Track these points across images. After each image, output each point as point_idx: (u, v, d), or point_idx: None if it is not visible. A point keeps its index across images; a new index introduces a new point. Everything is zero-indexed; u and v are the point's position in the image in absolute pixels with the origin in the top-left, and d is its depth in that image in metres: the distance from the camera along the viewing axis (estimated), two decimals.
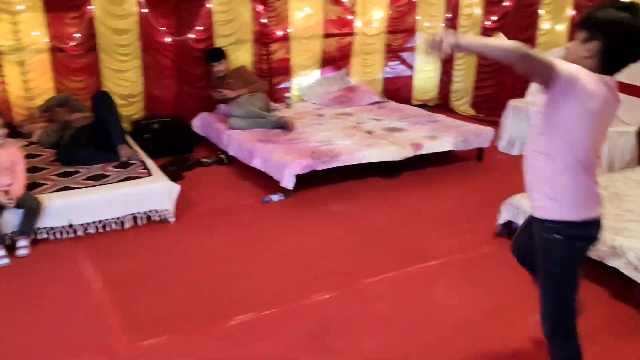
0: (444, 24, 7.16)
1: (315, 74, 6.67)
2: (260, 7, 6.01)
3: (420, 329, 2.84)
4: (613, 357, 2.68)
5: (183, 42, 5.73)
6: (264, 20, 6.07)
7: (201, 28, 5.76)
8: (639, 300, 3.04)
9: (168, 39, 5.65)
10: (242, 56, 6.10)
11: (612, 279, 3.23)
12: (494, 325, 2.85)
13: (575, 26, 1.90)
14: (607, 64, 1.88)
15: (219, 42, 5.90)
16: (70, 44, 5.28)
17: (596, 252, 3.18)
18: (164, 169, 4.86)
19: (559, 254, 1.93)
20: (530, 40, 6.41)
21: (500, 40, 1.71)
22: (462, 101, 7.38)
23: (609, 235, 3.15)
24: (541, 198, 1.95)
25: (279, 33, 6.21)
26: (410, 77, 7.38)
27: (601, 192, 2.00)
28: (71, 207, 3.73)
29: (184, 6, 5.66)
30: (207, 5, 5.72)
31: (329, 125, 5.54)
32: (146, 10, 5.44)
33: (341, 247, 3.74)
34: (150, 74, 5.70)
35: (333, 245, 3.78)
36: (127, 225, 3.95)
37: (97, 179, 4.05)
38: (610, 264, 3.12)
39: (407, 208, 4.38)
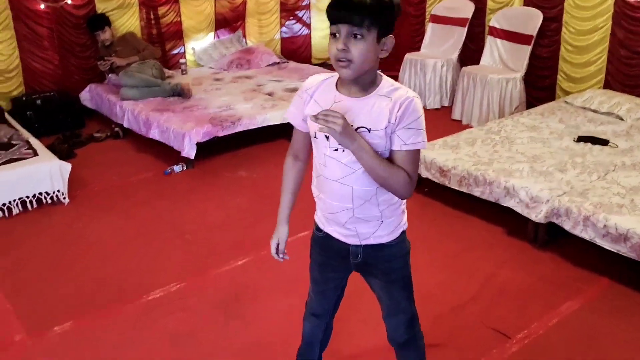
0: None
1: (209, 37, 6.42)
2: None
3: None
4: (512, 289, 2.85)
5: (60, 9, 5.28)
6: None
7: None
8: (531, 235, 3.24)
9: (42, 6, 5.17)
10: (128, 22, 5.73)
11: (507, 219, 3.42)
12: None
13: (354, 22, 1.47)
14: None
15: (100, 8, 5.49)
16: None
17: (492, 194, 3.35)
18: (52, 147, 4.54)
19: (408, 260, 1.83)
20: None
21: (388, 165, 1.54)
22: None
23: (503, 177, 3.31)
24: (394, 221, 1.73)
25: None
26: (308, 36, 7.30)
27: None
28: None
29: None
30: None
31: (228, 89, 5.38)
32: None
33: (247, 215, 3.68)
34: (26, 46, 5.22)
35: (239, 213, 3.70)
36: (15, 211, 3.65)
37: None
38: (504, 204, 3.30)
39: (311, 169, 4.36)
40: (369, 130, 1.55)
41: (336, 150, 1.60)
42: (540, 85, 5.40)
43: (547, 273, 2.99)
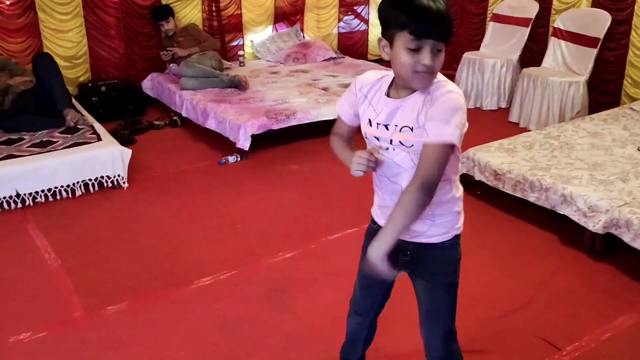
0: None
1: (268, 31, 6.51)
2: None
3: None
4: (564, 299, 2.78)
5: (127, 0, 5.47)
6: None
7: None
8: (587, 245, 3.15)
9: None
10: (191, 13, 5.88)
11: (563, 226, 3.33)
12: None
13: (440, 38, 1.46)
14: None
15: None
16: (6, 2, 4.97)
17: (548, 201, 3.27)
18: (114, 133, 4.72)
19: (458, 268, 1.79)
20: None
21: (405, 214, 1.50)
22: None
23: (560, 184, 3.23)
24: (448, 221, 1.70)
25: None
26: (365, 32, 7.27)
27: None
28: (17, 176, 3.58)
29: None
30: None
31: (284, 83, 5.44)
32: None
33: (298, 208, 3.72)
34: (94, 34, 5.44)
35: (290, 206, 3.75)
36: (78, 193, 3.82)
37: (44, 145, 3.87)
38: (561, 212, 3.21)
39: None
40: (412, 129, 1.53)
41: (387, 149, 1.60)
42: (604, 90, 5.20)
43: (602, 285, 2.90)
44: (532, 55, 5.77)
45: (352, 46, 7.12)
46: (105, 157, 3.82)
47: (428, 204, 1.52)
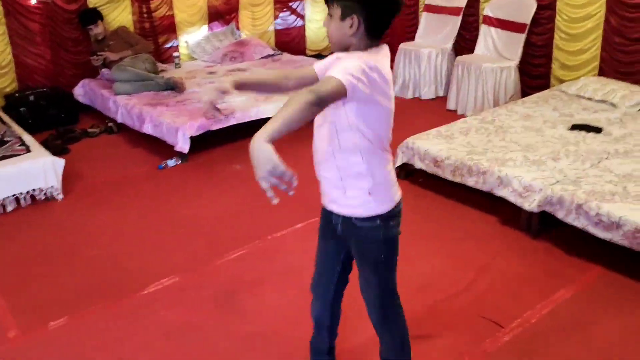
0: None
1: (203, 30, 6.39)
2: None
3: None
4: (506, 278, 2.86)
5: (51, 4, 5.25)
6: None
7: None
8: (525, 224, 3.25)
9: (33, 1, 5.14)
10: (120, 16, 5.70)
11: (501, 208, 3.42)
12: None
13: (326, 2, 1.66)
14: (373, 34, 1.67)
15: (92, 2, 5.46)
16: None
17: (485, 184, 3.35)
18: (45, 143, 4.54)
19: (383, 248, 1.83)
20: None
21: (291, 107, 1.46)
22: None
23: (496, 166, 3.32)
24: (358, 195, 1.75)
25: None
26: (302, 28, 7.25)
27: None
28: None
29: None
30: None
31: (221, 82, 5.34)
32: None
33: (243, 208, 3.68)
34: (18, 42, 5.19)
35: (235, 206, 3.71)
36: (9, 208, 3.65)
37: None
38: (498, 194, 3.30)
39: (308, 160, 4.33)
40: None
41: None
42: (534, 74, 5.39)
43: (540, 262, 3.00)
44: (465, 43, 5.91)
45: (289, 42, 7.09)
46: (36, 169, 3.66)
47: (310, 106, 1.47)
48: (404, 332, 2.00)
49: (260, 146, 1.41)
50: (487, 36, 5.49)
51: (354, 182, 1.73)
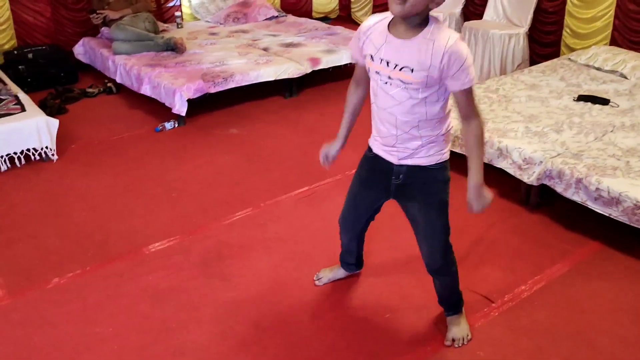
0: None
1: None
2: None
3: (314, 248, 2.84)
4: (500, 251, 2.81)
5: None
6: None
7: None
8: (523, 197, 3.18)
9: None
10: None
11: (501, 180, 3.35)
12: (385, 236, 2.90)
13: None
14: None
15: None
16: None
17: (485, 155, 3.26)
18: (43, 103, 4.49)
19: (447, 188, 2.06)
20: None
21: (479, 147, 1.89)
22: (363, 12, 7.21)
23: (496, 137, 3.23)
24: (433, 143, 1.96)
25: None
26: None
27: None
28: None
29: None
30: None
31: (223, 44, 5.25)
32: None
33: (237, 173, 3.63)
34: None
35: (229, 171, 3.66)
36: (3, 167, 3.62)
37: None
38: (497, 165, 3.22)
39: (305, 127, 4.29)
40: (412, 70, 1.76)
41: (386, 83, 1.84)
42: (544, 42, 5.22)
43: (537, 236, 2.94)
44: (474, 8, 5.72)
45: (295, 4, 6.92)
46: (30, 129, 3.61)
47: (481, 127, 1.88)
48: (457, 270, 2.21)
49: (486, 192, 1.95)
50: (497, 1, 5.30)
51: (432, 139, 1.91)
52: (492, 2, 5.34)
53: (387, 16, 1.84)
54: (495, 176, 3.36)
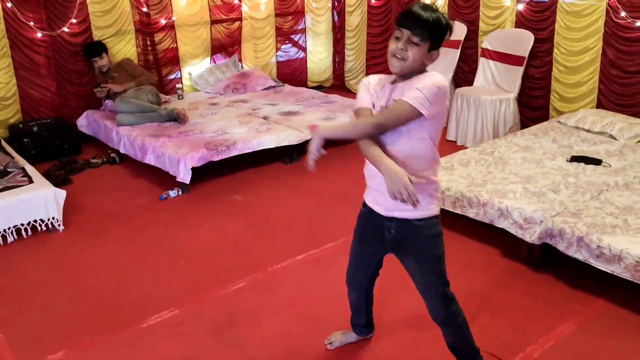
0: (331, 4, 7.23)
1: (205, 62, 6.49)
2: None
3: (324, 311, 2.86)
4: (508, 311, 2.83)
5: (57, 37, 5.34)
6: (145, 9, 5.80)
7: (75, 21, 5.38)
8: (526, 256, 3.24)
9: (39, 34, 5.24)
10: (125, 48, 5.79)
11: (503, 240, 3.42)
12: (395, 297, 2.92)
13: (415, 32, 1.87)
14: None
15: (97, 35, 5.56)
16: None
17: (486, 215, 3.35)
18: (48, 174, 4.57)
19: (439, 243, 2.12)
20: None
21: (354, 123, 1.92)
22: (356, 80, 7.48)
23: (496, 198, 3.32)
24: (422, 198, 1.96)
25: (163, 22, 5.96)
26: (304, 59, 7.36)
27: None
28: None
29: None
30: None
31: (224, 113, 5.42)
32: (10, 4, 5.01)
33: (243, 238, 3.68)
34: (23, 74, 5.26)
35: (235, 237, 3.70)
36: (10, 239, 3.65)
37: None
38: (499, 226, 3.30)
39: (307, 192, 4.39)
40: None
41: None
42: (533, 106, 5.44)
43: (543, 294, 2.98)
44: (464, 75, 5.98)
45: (291, 74, 7.19)
46: (37, 200, 3.67)
47: (369, 135, 1.93)
48: (465, 320, 2.23)
49: (314, 140, 1.98)
50: (486, 69, 5.55)
51: (419, 188, 1.91)
52: (481, 69, 5.60)
53: (385, 76, 2.05)
54: (497, 236, 3.44)
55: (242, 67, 6.73)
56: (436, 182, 2.04)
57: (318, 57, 7.44)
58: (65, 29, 5.36)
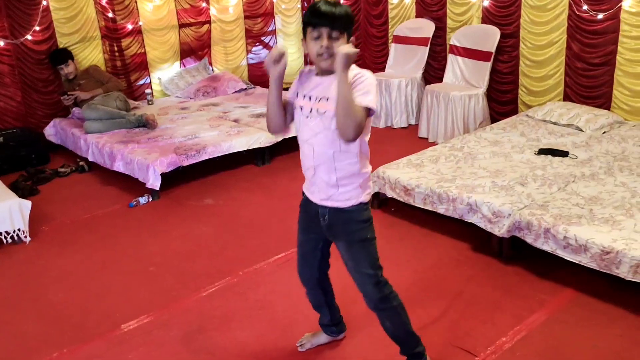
0: (300, 5, 7.22)
1: (175, 67, 6.43)
2: (104, 1, 5.65)
3: (296, 314, 2.84)
4: (479, 305, 2.85)
5: (20, 45, 5.24)
6: (111, 15, 5.72)
7: (39, 28, 5.29)
8: (496, 250, 3.26)
9: (1, 43, 5.13)
10: (91, 54, 5.71)
11: (473, 234, 3.44)
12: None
13: (333, 27, 1.94)
14: None
15: (63, 42, 5.48)
16: None
17: (456, 211, 3.37)
18: (14, 185, 4.48)
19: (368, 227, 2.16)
20: (381, 14, 6.60)
21: (354, 103, 1.90)
22: None
23: (465, 193, 3.34)
24: (351, 190, 2.09)
25: (129, 27, 5.89)
26: None
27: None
28: None
29: (13, 6, 5.15)
30: (43, 3, 5.26)
31: (194, 117, 5.37)
32: None
33: (215, 243, 3.64)
34: None
35: (206, 241, 3.67)
36: None
37: None
38: (468, 220, 3.32)
39: (279, 193, 4.37)
40: (327, 99, 1.97)
41: (307, 117, 2.03)
42: (502, 100, 5.49)
43: (513, 287, 3.00)
44: (434, 72, 6.02)
45: (262, 76, 7.15)
46: (2, 212, 3.59)
47: (350, 133, 1.89)
48: (401, 304, 2.25)
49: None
50: (455, 65, 5.59)
51: (348, 180, 2.05)
52: (450, 66, 5.63)
53: (310, 67, 2.13)
54: (468, 231, 3.46)
55: (212, 70, 6.69)
56: (367, 173, 2.11)
57: (289, 58, 7.33)
58: (29, 37, 5.26)
